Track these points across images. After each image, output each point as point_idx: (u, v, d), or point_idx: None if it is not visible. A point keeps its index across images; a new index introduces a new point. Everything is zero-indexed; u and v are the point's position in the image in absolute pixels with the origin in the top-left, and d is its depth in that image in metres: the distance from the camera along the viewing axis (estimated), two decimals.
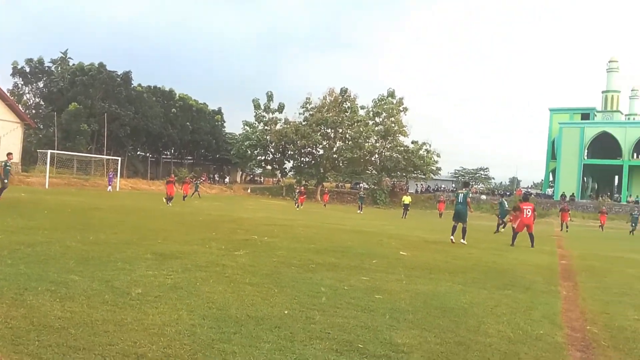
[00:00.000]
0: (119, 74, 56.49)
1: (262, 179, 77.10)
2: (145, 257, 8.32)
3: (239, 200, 38.23)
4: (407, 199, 34.70)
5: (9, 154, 19.82)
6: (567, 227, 29.24)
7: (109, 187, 39.37)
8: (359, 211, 36.16)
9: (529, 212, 15.94)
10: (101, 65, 54.49)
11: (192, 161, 71.49)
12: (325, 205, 42.84)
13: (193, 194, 34.74)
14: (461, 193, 15.53)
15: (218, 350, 4.03)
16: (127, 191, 42.41)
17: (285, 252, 10.19)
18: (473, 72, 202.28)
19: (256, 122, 62.47)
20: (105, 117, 50.60)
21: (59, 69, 56.77)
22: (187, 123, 62.29)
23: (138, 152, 64.88)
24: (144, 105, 56.17)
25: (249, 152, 61.78)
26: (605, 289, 8.50)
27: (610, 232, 31.48)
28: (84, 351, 3.81)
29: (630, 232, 31.80)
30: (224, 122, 72.23)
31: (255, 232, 14.11)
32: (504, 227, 22.24)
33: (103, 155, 48.86)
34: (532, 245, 15.38)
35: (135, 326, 4.50)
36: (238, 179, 73.60)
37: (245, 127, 62.97)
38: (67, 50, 58.44)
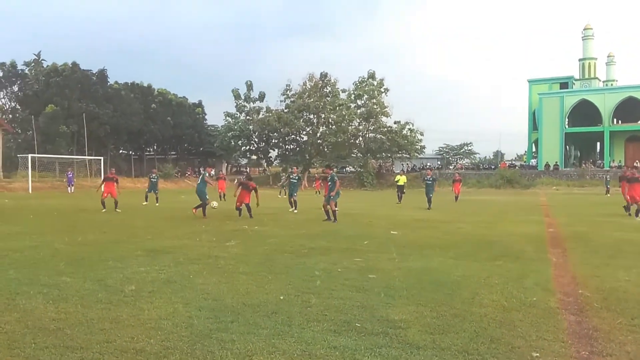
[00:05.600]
0: (94, 72, 55.51)
1: (248, 170, 76.84)
2: (136, 254, 8.28)
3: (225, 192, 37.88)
4: (401, 179, 27.77)
5: None
6: (456, 198, 27.78)
7: (70, 188, 36.23)
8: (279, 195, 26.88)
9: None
10: (75, 64, 53.46)
11: (175, 156, 70.80)
12: (318, 193, 36.92)
13: (150, 192, 24.16)
14: None
15: (217, 340, 4.03)
16: None
17: (277, 240, 10.20)
18: (451, 49, 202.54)
19: (237, 113, 61.98)
20: (83, 117, 49.79)
21: (33, 71, 55.63)
22: (168, 118, 61.51)
23: (120, 151, 64.09)
24: (123, 103, 55.33)
25: (233, 143, 61.30)
26: (593, 253, 8.65)
27: (598, 198, 31.92)
28: (82, 350, 3.79)
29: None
30: (205, 114, 71.56)
31: (245, 222, 14.09)
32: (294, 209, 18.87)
33: (85, 156, 48.22)
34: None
35: (132, 322, 4.48)
36: (224, 171, 73.22)
37: (227, 118, 62.45)
38: (40, 52, 57.17)
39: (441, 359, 3.70)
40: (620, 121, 58.76)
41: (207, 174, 17.15)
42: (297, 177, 20.00)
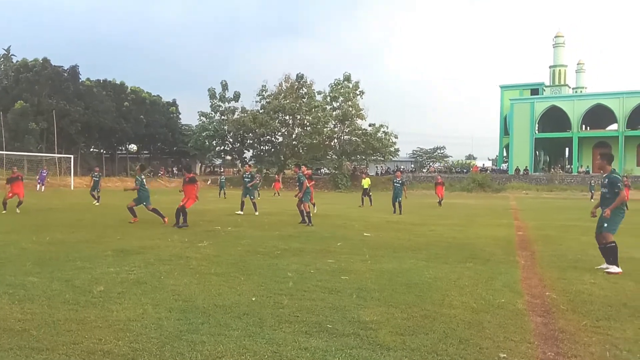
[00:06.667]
0: (65, 68, 54.32)
1: (222, 170, 76.21)
2: (105, 254, 8.15)
3: (200, 192, 37.62)
4: (366, 183, 26.82)
5: None
6: (439, 202, 26.62)
7: (39, 187, 36.18)
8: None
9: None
10: (45, 60, 52.23)
11: (148, 155, 69.82)
12: (276, 194, 36.66)
13: (94, 190, 23.69)
14: None
15: (186, 341, 3.99)
16: (83, 189, 41.12)
17: (250, 241, 10.16)
18: (427, 54, 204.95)
19: (212, 113, 61.46)
20: (54, 114, 48.67)
21: (2, 66, 54.27)
22: (141, 116, 60.55)
23: (92, 149, 62.88)
24: (94, 100, 54.25)
25: (207, 143, 60.70)
26: (561, 256, 8.85)
27: (566, 202, 32.68)
28: (47, 352, 3.72)
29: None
30: (180, 113, 70.67)
31: (218, 222, 14.00)
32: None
33: (54, 154, 47.13)
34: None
35: (100, 323, 4.41)
36: (197, 171, 72.43)
37: (202, 117, 61.86)
38: (9, 47, 55.83)
39: None
40: (588, 127, 60.29)
41: (139, 178, 14.33)
42: (249, 176, 18.25)
